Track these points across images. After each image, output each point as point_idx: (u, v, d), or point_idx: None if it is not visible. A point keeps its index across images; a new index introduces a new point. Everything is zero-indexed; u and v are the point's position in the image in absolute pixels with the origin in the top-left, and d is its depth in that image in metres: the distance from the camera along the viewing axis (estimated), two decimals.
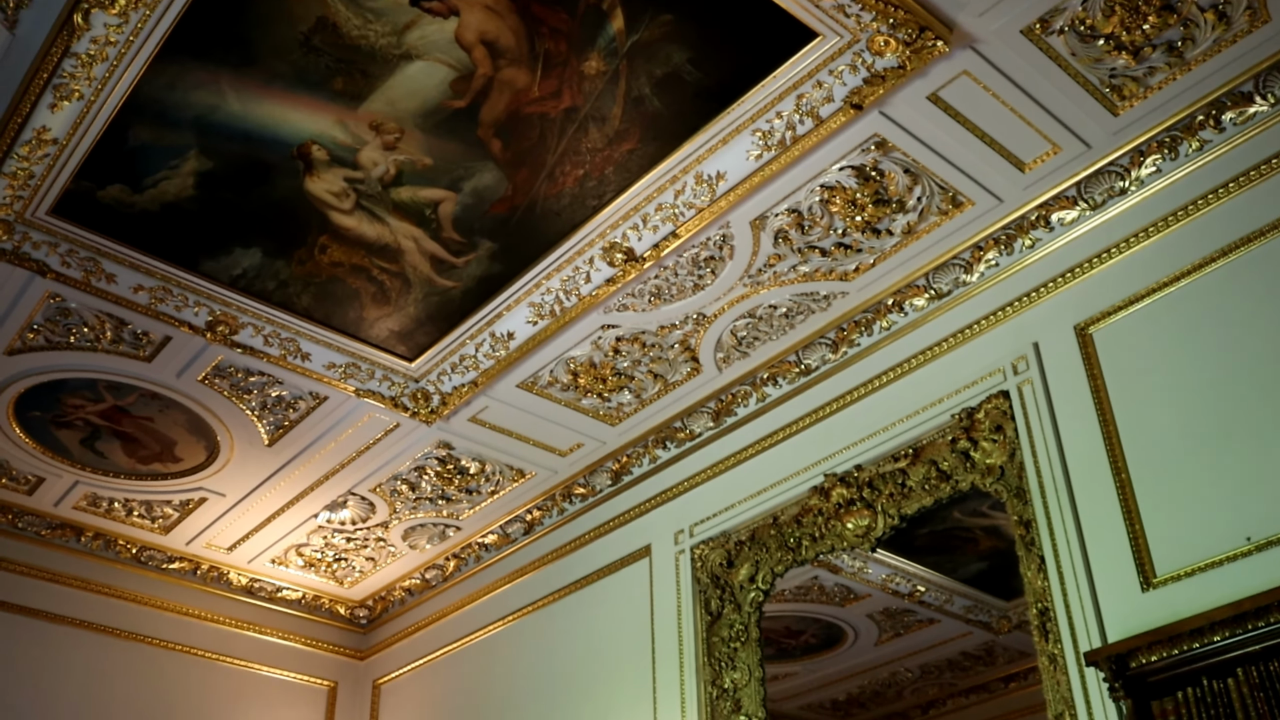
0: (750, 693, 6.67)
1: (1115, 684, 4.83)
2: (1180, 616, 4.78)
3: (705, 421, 7.29)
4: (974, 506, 7.23)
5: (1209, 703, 4.64)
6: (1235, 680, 4.61)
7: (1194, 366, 5.20)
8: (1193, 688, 4.71)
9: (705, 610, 7.00)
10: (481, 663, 8.71)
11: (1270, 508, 4.76)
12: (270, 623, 9.59)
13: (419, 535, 8.77)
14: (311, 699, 9.65)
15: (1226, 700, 4.60)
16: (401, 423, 7.37)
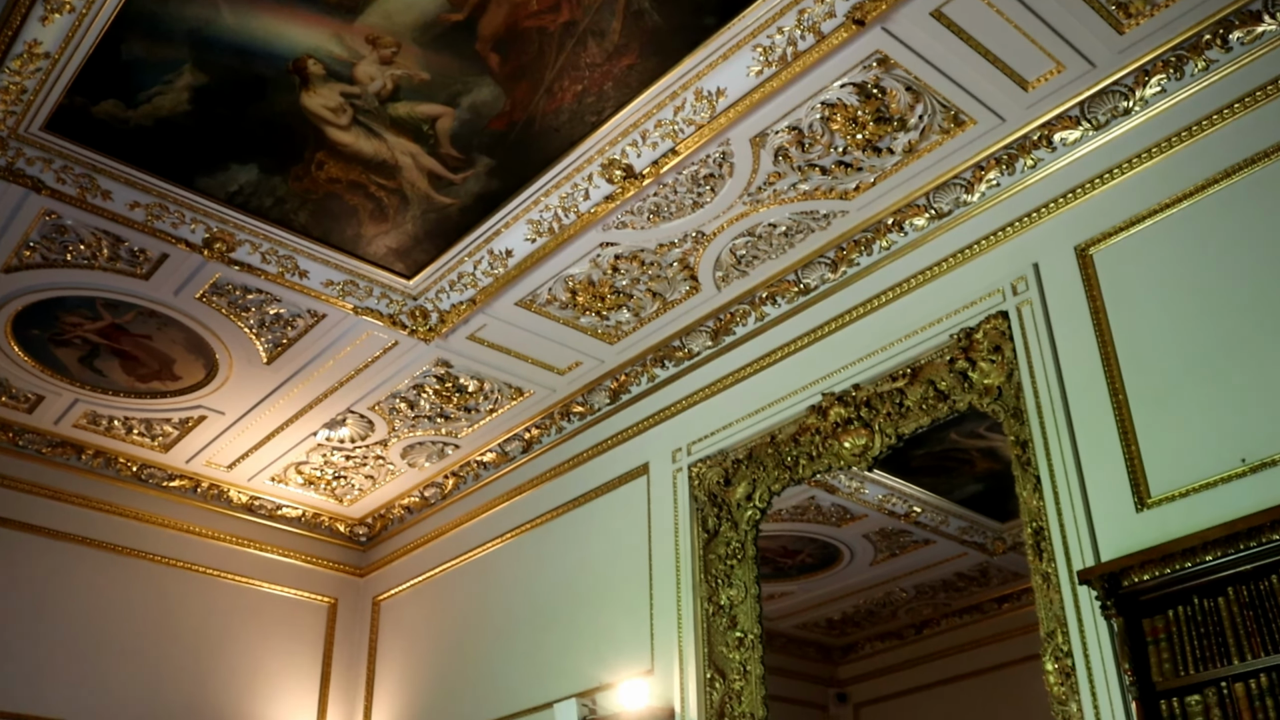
0: (746, 610, 6.74)
1: (1107, 602, 4.88)
2: (1173, 536, 4.83)
3: (704, 340, 7.29)
4: (971, 428, 7.26)
5: (1199, 621, 4.70)
6: (1225, 599, 4.66)
7: (1193, 289, 5.19)
8: (1184, 606, 4.76)
9: (702, 528, 7.04)
10: (480, 580, 8.80)
11: (1265, 429, 4.78)
12: (270, 540, 9.67)
13: (418, 453, 8.81)
14: (312, 615, 9.75)
15: (1216, 618, 4.66)
16: (400, 340, 7.36)
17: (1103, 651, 4.98)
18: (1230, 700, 4.54)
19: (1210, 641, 4.65)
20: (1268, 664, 4.48)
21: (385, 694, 9.35)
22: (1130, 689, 4.75)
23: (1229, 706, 4.53)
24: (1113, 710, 4.88)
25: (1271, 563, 4.55)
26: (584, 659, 7.50)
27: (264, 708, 9.13)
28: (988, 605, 10.63)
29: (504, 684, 8.10)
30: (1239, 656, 4.57)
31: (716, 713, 6.58)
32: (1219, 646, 4.63)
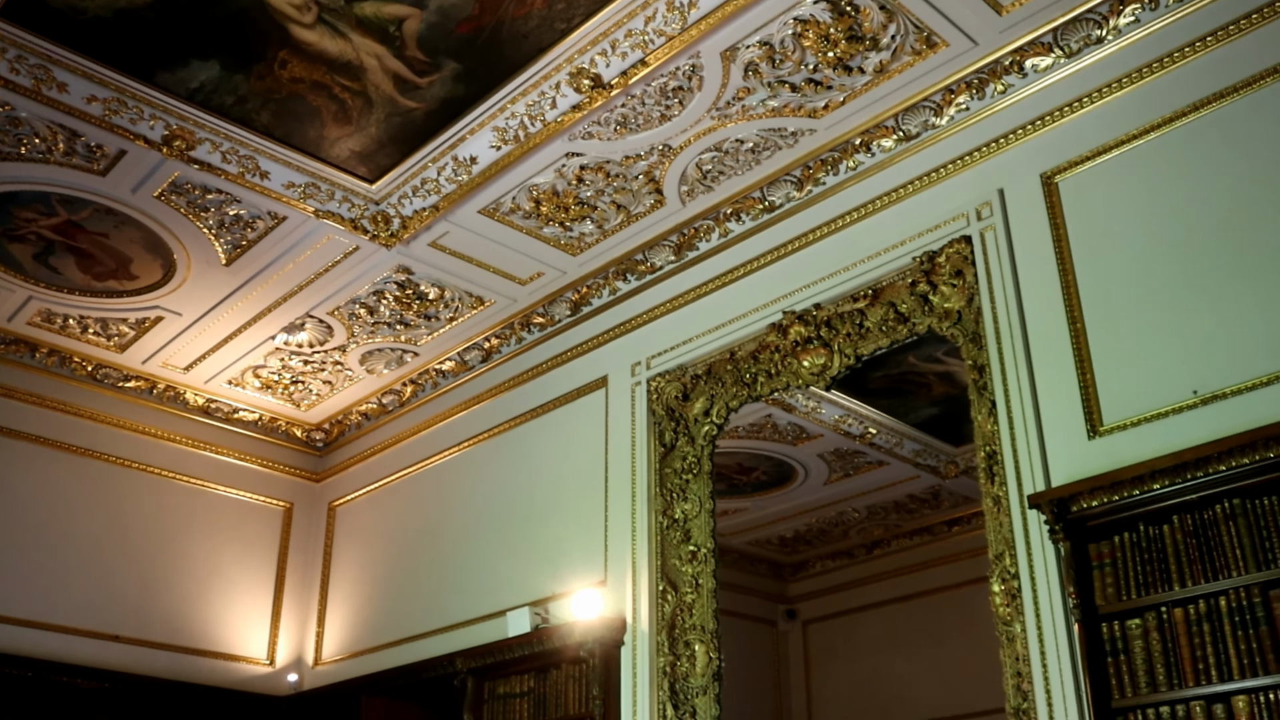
0: (700, 524, 6.80)
1: (1056, 526, 4.96)
2: (1123, 464, 4.90)
3: (666, 255, 7.26)
4: (929, 352, 7.30)
5: (1143, 547, 4.79)
6: (1170, 527, 4.75)
7: (1156, 221, 5.21)
8: (1130, 532, 4.85)
9: (659, 442, 7.08)
10: (436, 488, 8.83)
11: (1218, 363, 4.84)
12: (227, 443, 9.64)
13: (376, 360, 8.77)
14: (267, 519, 9.76)
15: (1160, 545, 4.75)
16: (361, 245, 7.30)
17: (1049, 574, 5.07)
18: (1169, 625, 4.64)
19: (1153, 568, 4.75)
20: (1207, 590, 4.58)
21: (339, 599, 9.40)
22: (1074, 611, 4.84)
23: (1167, 631, 4.64)
24: (1056, 631, 4.98)
25: (1216, 493, 4.65)
26: (538, 568, 7.56)
27: (218, 609, 9.17)
28: (938, 528, 10.78)
29: (458, 591, 8.16)
30: (1180, 583, 4.67)
31: (668, 624, 6.66)
32: (1161, 573, 4.73)
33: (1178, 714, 4.53)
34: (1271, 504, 4.51)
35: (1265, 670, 4.37)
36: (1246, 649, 4.43)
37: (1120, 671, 4.72)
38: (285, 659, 9.46)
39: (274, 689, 9.26)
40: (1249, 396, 4.71)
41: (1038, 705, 4.98)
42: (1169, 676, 4.60)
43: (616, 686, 6.69)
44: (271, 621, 9.48)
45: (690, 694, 6.51)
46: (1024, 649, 5.09)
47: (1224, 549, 4.59)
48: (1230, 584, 4.53)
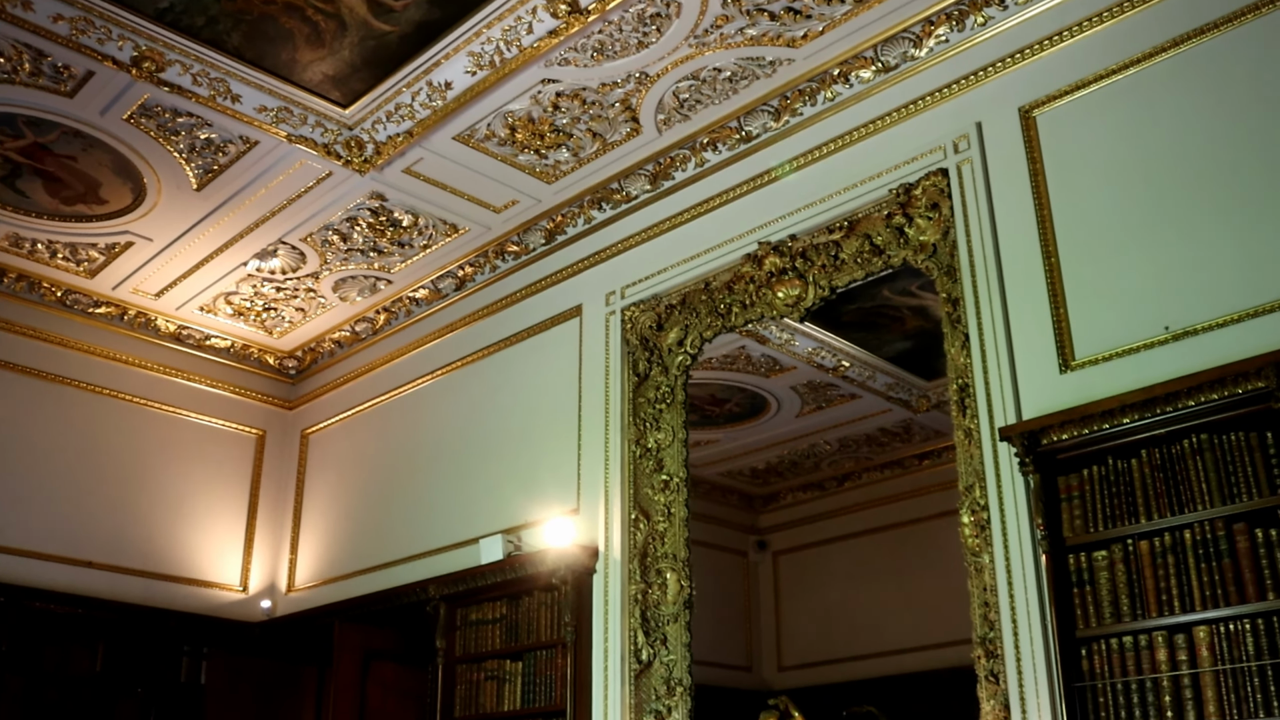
0: (673, 453, 6.83)
1: (1026, 459, 5.01)
2: (1094, 398, 4.94)
3: (642, 184, 7.22)
4: (903, 285, 7.30)
5: (1111, 481, 4.85)
6: (1139, 461, 4.81)
7: (1133, 156, 5.21)
8: (1098, 466, 4.91)
9: (633, 371, 7.08)
10: (409, 416, 8.82)
11: (1191, 300, 4.87)
12: (199, 370, 9.59)
13: (349, 287, 8.72)
14: (240, 446, 9.74)
15: (1128, 479, 4.81)
16: (334, 171, 7.22)
17: (1018, 506, 5.13)
18: (1134, 556, 4.72)
19: (1120, 501, 4.81)
20: (1172, 524, 4.65)
21: (312, 526, 9.42)
22: (1041, 543, 4.90)
23: (1132, 562, 4.71)
24: (1023, 562, 5.04)
25: (1185, 428, 4.70)
26: (511, 496, 7.59)
27: (191, 536, 9.18)
28: (908, 461, 10.85)
29: (431, 519, 8.19)
30: (1146, 516, 4.73)
31: (640, 552, 6.71)
32: (1128, 506, 4.79)
33: (1140, 644, 4.61)
34: (1238, 439, 4.56)
35: (1226, 602, 4.45)
36: (1209, 581, 4.50)
37: (1085, 602, 4.79)
38: (258, 585, 9.49)
39: (247, 615, 9.29)
40: (1220, 333, 4.75)
41: (1004, 635, 5.05)
42: (1133, 607, 4.68)
43: (588, 613, 6.74)
44: (244, 548, 9.49)
45: (661, 621, 6.57)
46: (992, 579, 5.16)
47: (1190, 483, 4.65)
48: (1195, 517, 4.60)
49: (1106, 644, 4.69)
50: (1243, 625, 4.39)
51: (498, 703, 7.06)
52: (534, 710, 6.81)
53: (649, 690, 6.49)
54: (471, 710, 7.20)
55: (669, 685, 6.46)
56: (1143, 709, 4.54)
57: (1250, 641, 4.36)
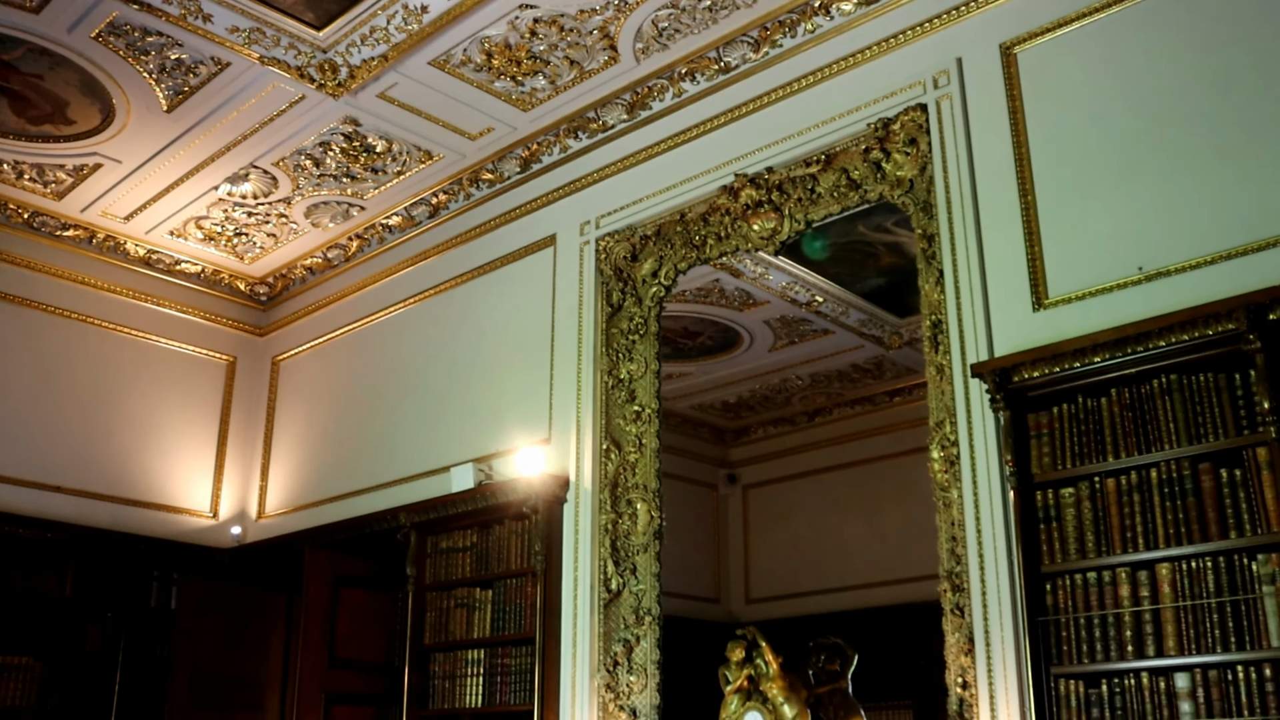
0: (645, 385, 6.83)
1: (997, 396, 5.04)
2: (1065, 337, 4.96)
3: (619, 113, 7.15)
4: (878, 221, 7.28)
5: (1081, 419, 4.89)
6: (1108, 400, 4.85)
7: (1112, 96, 5.20)
8: (1068, 404, 4.94)
9: (606, 302, 7.06)
10: (381, 344, 8.79)
11: (1163, 241, 4.89)
12: (168, 295, 9.51)
13: (322, 213, 8.64)
14: (210, 373, 9.69)
15: (1098, 417, 4.85)
16: (307, 95, 7.11)
17: (987, 443, 5.16)
18: (1101, 494, 4.77)
19: (1089, 439, 4.85)
20: (1139, 462, 4.70)
21: (283, 453, 9.40)
22: (1010, 479, 4.95)
23: (1099, 500, 4.77)
24: (991, 498, 5.09)
25: (1155, 368, 4.73)
26: (482, 425, 7.59)
27: (161, 462, 9.15)
28: (879, 398, 10.89)
29: (402, 447, 8.19)
30: (1114, 454, 4.78)
31: (611, 483, 6.73)
32: (1096, 444, 4.83)
33: (1104, 579, 4.68)
34: (1207, 380, 4.60)
35: (1189, 540, 4.51)
36: (1173, 519, 4.56)
37: (1051, 538, 4.85)
38: (228, 512, 9.49)
39: (217, 541, 9.30)
40: (1192, 275, 4.77)
41: (970, 569, 5.10)
42: (1098, 543, 4.73)
43: (559, 542, 6.78)
44: (214, 474, 9.48)
45: (631, 551, 6.61)
46: (960, 514, 5.20)
47: (1158, 422, 4.69)
48: (1162, 456, 4.65)
49: (1071, 579, 4.75)
50: (1204, 563, 4.45)
51: (467, 630, 7.11)
52: (503, 638, 6.86)
53: (618, 619, 6.54)
54: (441, 637, 7.25)
55: (638, 614, 6.52)
56: (1104, 643, 4.61)
57: (1211, 579, 4.42)
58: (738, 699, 5.85)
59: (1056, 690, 4.69)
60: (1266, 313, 4.39)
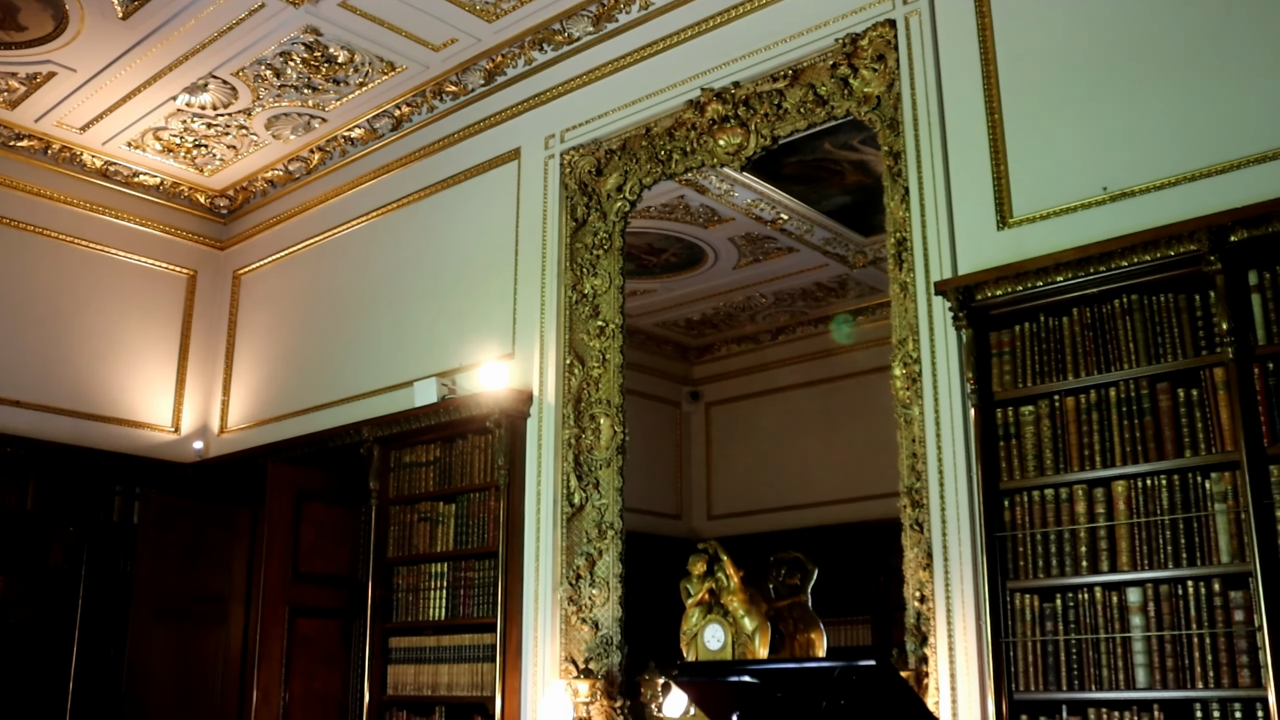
0: (609, 300, 6.82)
1: (960, 314, 5.06)
2: (1029, 256, 4.97)
3: (585, 25, 7.05)
4: (845, 139, 7.24)
5: (1042, 338, 4.93)
6: (1070, 319, 4.88)
7: (1080, 16, 5.18)
8: (1030, 323, 4.98)
9: (571, 216, 7.02)
10: (344, 258, 8.72)
11: (1129, 162, 4.90)
12: (127, 208, 9.38)
13: (283, 125, 8.50)
14: (171, 286, 9.60)
15: (1059, 336, 4.89)
16: (267, 3, 6.96)
17: (949, 361, 5.20)
18: (1060, 412, 4.82)
19: (1050, 358, 4.90)
20: (1098, 381, 4.75)
21: (245, 368, 9.36)
22: (970, 396, 4.99)
23: (1058, 418, 4.82)
24: (952, 415, 5.14)
25: (1117, 288, 4.77)
26: (446, 340, 7.57)
27: (122, 376, 9.09)
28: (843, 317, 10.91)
29: (365, 361, 8.17)
30: (1074, 373, 4.83)
31: (574, 397, 6.74)
32: (1057, 363, 4.88)
33: (1060, 496, 4.74)
34: (1167, 301, 4.65)
35: (1145, 458, 4.58)
36: (1130, 438, 4.62)
37: (1010, 455, 4.90)
38: (190, 426, 9.45)
39: (179, 456, 9.28)
40: (1156, 195, 4.79)
41: (930, 485, 5.16)
42: (1056, 461, 4.79)
43: (521, 457, 6.80)
44: (176, 389, 9.43)
45: (594, 466, 6.64)
46: (920, 431, 5.25)
47: (1119, 342, 4.74)
48: (1121, 376, 4.69)
49: (1028, 496, 4.82)
50: (1159, 480, 4.52)
51: (431, 544, 7.15)
52: (467, 551, 6.90)
53: (580, 533, 6.59)
54: (405, 551, 7.28)
55: (600, 528, 6.56)
56: (1059, 558, 4.69)
57: (1165, 496, 4.50)
58: (699, 612, 5.92)
59: (1012, 604, 4.77)
60: (1228, 234, 4.42)
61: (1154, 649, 4.42)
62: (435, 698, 6.89)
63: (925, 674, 5.02)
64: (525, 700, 6.47)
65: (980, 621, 4.84)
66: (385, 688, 7.18)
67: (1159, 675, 4.39)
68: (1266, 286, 4.43)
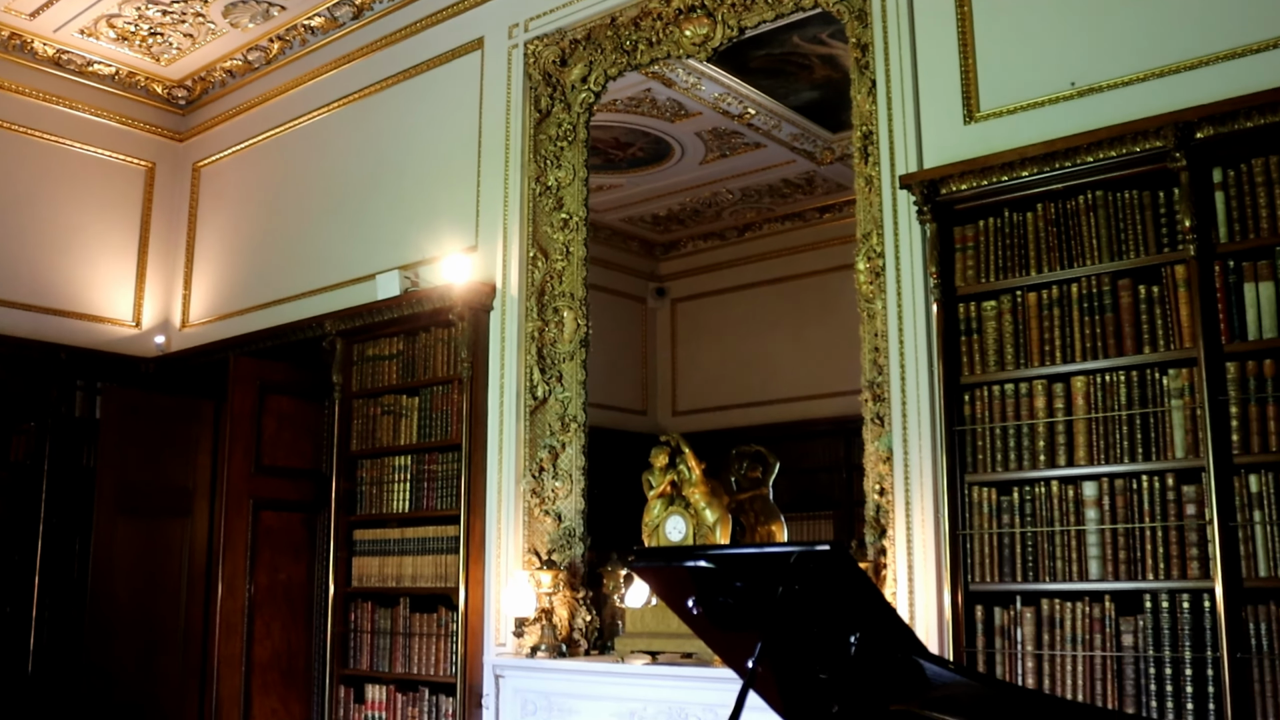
0: (573, 192, 6.76)
1: (924, 208, 5.05)
2: (995, 150, 4.96)
3: None
4: (813, 33, 7.16)
5: (1006, 233, 4.93)
6: (1034, 214, 4.89)
7: None
8: (994, 218, 4.98)
9: (534, 108, 6.93)
10: (305, 150, 8.59)
11: (1097, 57, 4.89)
12: (82, 98, 9.17)
13: (240, 13, 8.29)
14: (129, 179, 9.44)
15: (1023, 232, 4.90)
16: None
17: (913, 255, 5.20)
18: (1022, 308, 4.85)
19: (1013, 253, 4.91)
20: (1061, 277, 4.77)
21: (206, 261, 9.26)
22: (933, 291, 5.00)
23: (1019, 313, 4.85)
24: (915, 310, 5.15)
25: (1082, 184, 4.78)
26: (409, 233, 7.50)
27: (80, 270, 8.97)
28: (809, 214, 10.88)
29: (327, 254, 8.09)
30: (1037, 269, 4.84)
31: (537, 290, 6.72)
32: (1020, 258, 4.89)
33: (1020, 391, 4.79)
34: (1131, 197, 4.66)
35: (1105, 354, 4.62)
36: (1090, 334, 4.66)
37: (971, 350, 4.93)
38: (151, 321, 9.37)
39: (141, 350, 9.20)
40: (1123, 91, 4.78)
41: (891, 379, 5.19)
42: (1016, 356, 4.83)
43: (485, 350, 6.78)
44: (136, 283, 9.33)
45: (557, 359, 6.64)
46: (883, 325, 5.26)
47: (1082, 238, 4.76)
48: (1084, 272, 4.72)
49: (989, 390, 4.86)
50: (1118, 377, 4.57)
51: (394, 437, 7.15)
52: (430, 444, 6.91)
53: (544, 425, 6.60)
54: (368, 444, 7.29)
55: (564, 421, 6.58)
56: (1017, 452, 4.75)
57: (1123, 392, 4.55)
58: (661, 503, 5.97)
59: (969, 497, 4.83)
60: (1193, 131, 4.42)
61: (1107, 541, 4.50)
62: (400, 589, 6.95)
63: (883, 565, 5.10)
64: (489, 591, 6.54)
65: (938, 514, 4.91)
66: (350, 579, 7.24)
67: (1111, 567, 4.48)
68: (1230, 184, 4.44)
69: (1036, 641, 4.61)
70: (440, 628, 6.70)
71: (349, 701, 7.11)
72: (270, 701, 7.43)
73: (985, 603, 4.76)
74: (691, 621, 2.79)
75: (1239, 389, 4.29)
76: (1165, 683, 4.30)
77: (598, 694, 5.83)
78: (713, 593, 2.64)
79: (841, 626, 2.56)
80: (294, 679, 7.58)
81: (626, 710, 5.68)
